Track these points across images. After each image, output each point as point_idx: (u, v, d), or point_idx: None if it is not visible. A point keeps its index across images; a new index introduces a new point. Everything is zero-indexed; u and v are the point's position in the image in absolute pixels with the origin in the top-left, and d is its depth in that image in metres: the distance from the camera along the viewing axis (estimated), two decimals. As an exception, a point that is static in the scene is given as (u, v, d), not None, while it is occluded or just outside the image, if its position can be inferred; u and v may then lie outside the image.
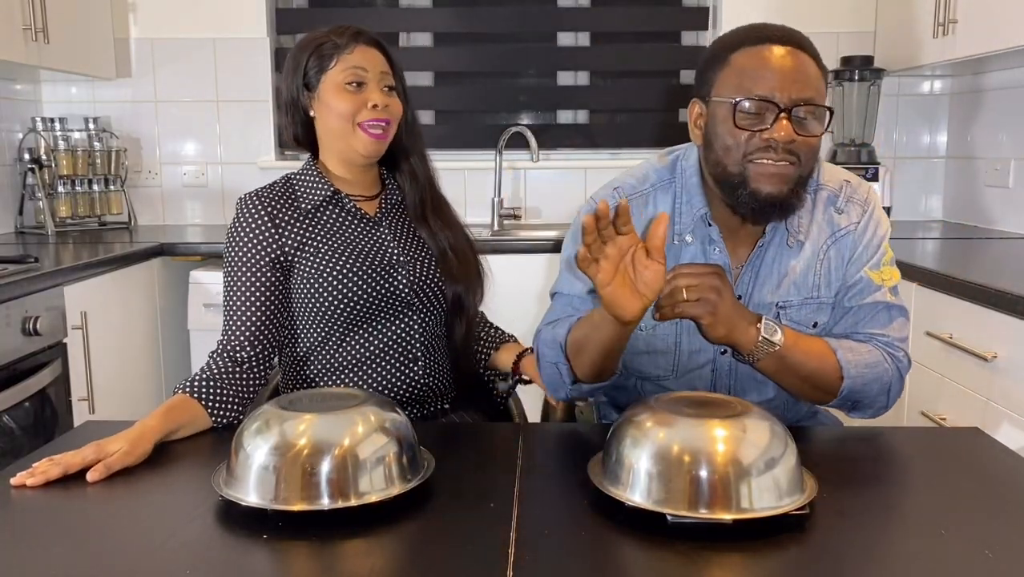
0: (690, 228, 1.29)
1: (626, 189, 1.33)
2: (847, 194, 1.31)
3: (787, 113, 1.14)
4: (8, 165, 2.96)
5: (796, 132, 1.15)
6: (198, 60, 3.17)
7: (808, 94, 1.15)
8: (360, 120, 1.42)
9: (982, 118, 2.94)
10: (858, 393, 1.26)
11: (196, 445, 1.23)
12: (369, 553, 0.89)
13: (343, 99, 1.42)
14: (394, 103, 1.45)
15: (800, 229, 1.29)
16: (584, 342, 1.22)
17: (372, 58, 1.45)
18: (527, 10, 3.24)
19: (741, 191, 1.19)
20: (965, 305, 1.84)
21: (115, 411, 2.36)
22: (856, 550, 0.87)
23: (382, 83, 1.45)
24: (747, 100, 1.16)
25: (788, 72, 1.15)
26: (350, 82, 1.43)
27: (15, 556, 0.87)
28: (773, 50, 1.17)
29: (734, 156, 1.18)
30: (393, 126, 1.45)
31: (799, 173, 1.18)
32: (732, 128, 1.17)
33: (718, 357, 1.33)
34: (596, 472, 0.99)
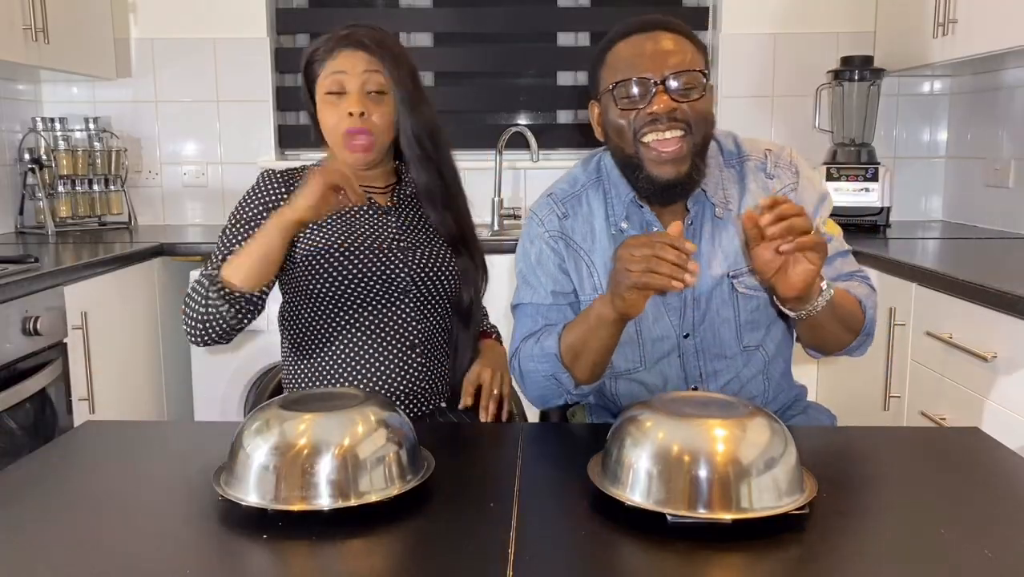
0: (624, 216, 1.34)
1: (559, 194, 1.39)
2: (773, 160, 1.36)
3: (663, 85, 1.21)
4: (8, 165, 2.96)
5: (676, 100, 1.21)
6: (198, 60, 3.17)
7: (680, 65, 1.22)
8: (342, 131, 1.41)
9: (982, 118, 2.94)
10: (871, 324, 1.32)
11: (196, 445, 1.23)
12: (369, 553, 0.89)
13: (325, 111, 1.43)
14: (379, 109, 1.42)
15: (729, 200, 1.33)
16: (581, 346, 1.25)
17: (354, 61, 1.42)
18: (527, 10, 3.24)
19: (639, 174, 1.26)
20: (965, 305, 1.84)
21: (115, 411, 2.36)
22: (856, 550, 0.87)
23: (365, 87, 1.41)
24: (621, 82, 1.23)
25: (657, 51, 1.23)
26: (330, 91, 1.42)
27: (15, 556, 0.87)
28: (642, 37, 1.25)
29: (627, 137, 1.25)
30: (379, 135, 1.43)
31: (692, 142, 1.23)
32: (619, 112, 1.24)
33: (682, 342, 1.35)
34: (596, 472, 0.99)
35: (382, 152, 1.48)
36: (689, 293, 1.32)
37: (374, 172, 1.51)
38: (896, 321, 2.12)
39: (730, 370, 1.37)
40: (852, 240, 2.53)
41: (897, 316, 2.12)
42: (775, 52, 3.10)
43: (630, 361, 1.37)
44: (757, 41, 3.11)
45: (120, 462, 1.15)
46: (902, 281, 2.12)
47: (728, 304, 1.32)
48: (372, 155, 1.44)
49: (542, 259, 1.37)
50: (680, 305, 1.33)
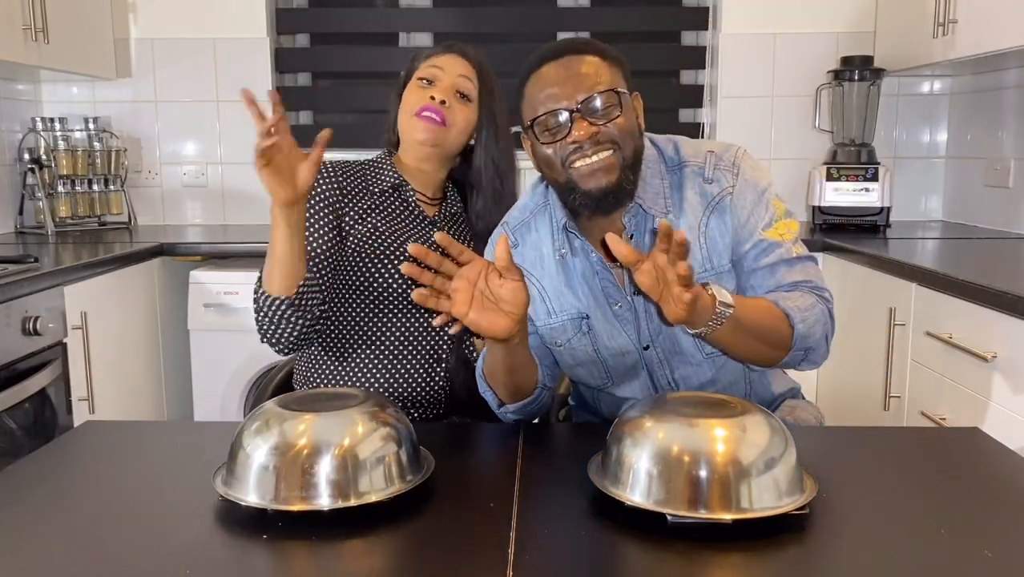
0: (564, 240, 1.33)
1: (511, 222, 1.39)
2: (713, 163, 1.31)
3: (579, 112, 1.20)
4: (8, 165, 2.96)
5: (596, 123, 1.20)
6: (198, 60, 3.16)
7: (591, 88, 1.20)
8: (417, 108, 1.45)
9: (982, 118, 2.94)
10: (807, 339, 1.24)
11: (196, 445, 1.23)
12: (369, 553, 0.89)
13: (412, 93, 1.48)
14: (460, 107, 1.47)
15: (669, 210, 1.29)
16: (492, 368, 1.26)
17: (454, 63, 1.48)
18: (527, 10, 3.24)
19: (574, 195, 1.24)
20: (965, 305, 1.84)
21: (115, 411, 2.36)
22: (856, 550, 0.87)
23: (456, 87, 1.47)
24: (540, 117, 1.22)
25: (567, 78, 1.21)
26: (422, 78, 1.47)
27: (15, 555, 0.87)
28: (550, 66, 1.23)
29: (557, 167, 1.24)
30: (451, 124, 1.45)
31: (622, 156, 1.22)
32: (542, 146, 1.24)
33: (643, 353, 1.34)
34: (596, 472, 0.99)
35: (450, 145, 1.49)
36: (641, 305, 1.30)
37: (430, 179, 1.52)
38: (896, 321, 2.12)
39: (701, 375, 1.35)
40: (852, 240, 2.55)
41: (897, 316, 2.12)
42: (775, 52, 3.10)
43: (597, 378, 1.38)
44: (757, 41, 3.11)
45: (120, 462, 1.15)
46: (902, 281, 2.12)
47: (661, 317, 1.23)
48: (440, 138, 1.46)
49: None
50: (633, 318, 1.32)
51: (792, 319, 1.21)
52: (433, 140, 1.45)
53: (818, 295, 1.28)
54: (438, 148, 1.47)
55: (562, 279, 1.33)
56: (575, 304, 1.33)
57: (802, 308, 1.23)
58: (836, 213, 2.81)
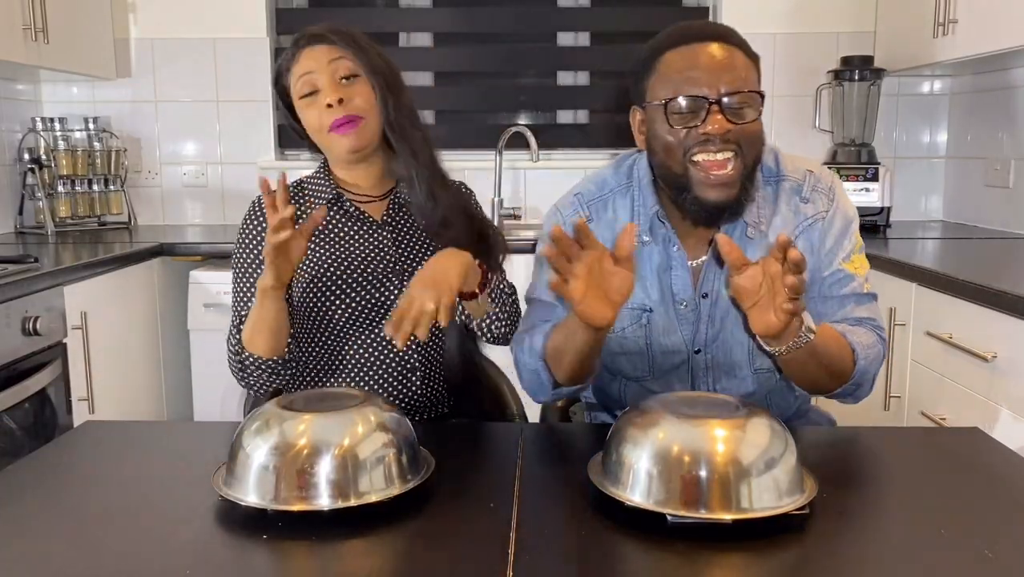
0: (647, 227, 1.30)
1: (587, 195, 1.35)
2: (811, 184, 1.31)
3: (718, 105, 1.16)
4: (8, 165, 2.96)
5: (731, 122, 1.16)
6: (198, 60, 3.16)
7: (736, 84, 1.17)
8: (325, 125, 1.37)
9: (982, 118, 2.94)
10: (864, 375, 1.25)
11: (196, 445, 1.23)
12: (369, 553, 0.89)
13: (305, 113, 1.40)
14: (356, 91, 1.37)
15: (761, 220, 1.28)
16: (562, 349, 1.23)
17: (317, 56, 1.39)
18: (527, 10, 3.24)
19: (686, 195, 1.21)
20: (965, 305, 1.84)
21: (115, 411, 2.36)
22: (856, 550, 0.87)
23: (336, 75, 1.38)
24: (678, 99, 1.17)
25: (714, 66, 1.17)
26: (303, 95, 1.39)
27: (15, 555, 0.87)
28: (697, 48, 1.19)
29: (675, 155, 1.20)
30: (366, 116, 1.37)
31: (743, 164, 1.19)
32: (669, 128, 1.19)
33: (692, 356, 1.33)
34: (596, 472, 0.99)
35: (373, 135, 1.40)
36: (706, 309, 1.30)
37: (368, 171, 1.45)
38: (896, 321, 2.12)
39: (739, 388, 1.34)
40: (852, 240, 2.54)
41: (897, 316, 2.12)
42: (775, 52, 3.10)
43: (639, 369, 1.36)
44: (757, 41, 3.08)
45: (120, 462, 1.15)
46: (902, 281, 2.12)
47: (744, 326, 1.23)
48: (364, 136, 1.38)
49: None
50: (695, 319, 1.31)
51: (857, 355, 1.22)
52: (359, 144, 1.38)
53: (879, 335, 1.29)
54: (369, 144, 1.40)
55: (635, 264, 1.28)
56: (640, 295, 1.30)
57: (866, 345, 1.24)
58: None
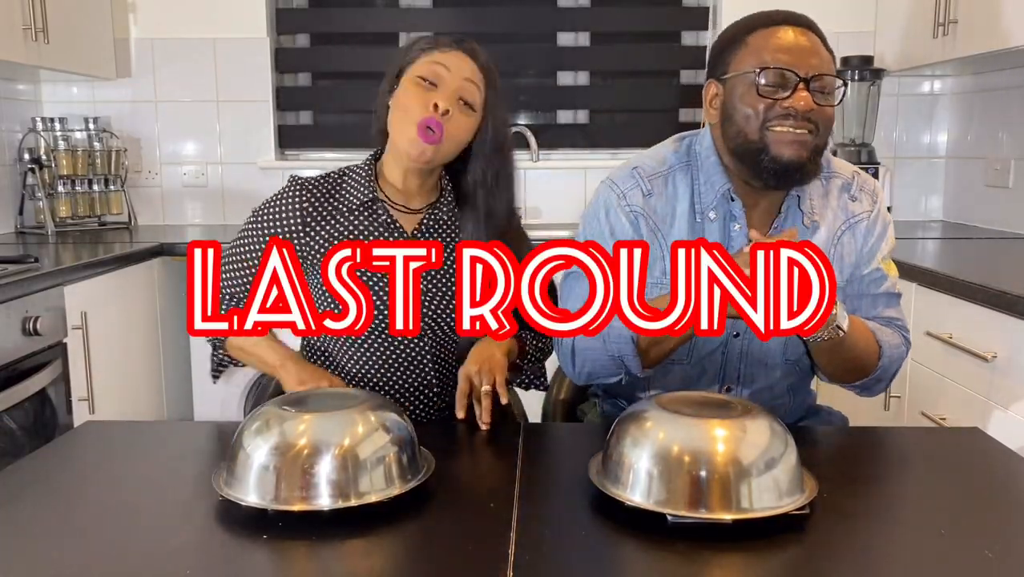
0: (712, 205, 1.31)
1: (646, 169, 1.35)
2: (859, 184, 1.37)
3: (805, 84, 1.21)
4: (8, 165, 2.95)
5: (815, 101, 1.21)
6: (198, 60, 3.16)
7: (824, 69, 1.22)
8: (419, 119, 1.31)
9: (982, 118, 2.94)
10: (885, 372, 1.31)
11: (196, 445, 1.23)
12: (369, 553, 0.89)
13: (410, 93, 1.33)
14: (462, 119, 1.33)
15: (814, 211, 1.33)
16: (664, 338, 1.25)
17: (461, 63, 1.34)
18: (527, 10, 3.24)
19: (763, 156, 1.23)
20: (965, 305, 1.84)
21: (115, 411, 2.36)
22: (856, 550, 0.87)
23: (460, 92, 1.33)
24: (769, 69, 1.22)
25: (804, 48, 1.23)
26: (424, 77, 1.33)
27: (15, 555, 0.87)
28: (788, 30, 1.24)
29: (754, 124, 1.23)
30: (448, 142, 1.33)
31: (816, 142, 1.23)
32: (754, 98, 1.23)
33: (730, 340, 1.35)
34: (596, 472, 0.99)
35: (443, 158, 1.36)
36: None
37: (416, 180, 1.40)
38: (896, 321, 2.12)
39: (767, 378, 1.36)
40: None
41: (897, 316, 2.12)
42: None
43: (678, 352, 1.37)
44: (757, 41, 3.10)
45: (120, 462, 1.15)
46: (902, 281, 2.10)
47: None
48: (434, 154, 1.33)
49: (617, 231, 1.33)
50: None
51: (883, 352, 1.29)
52: (424, 159, 1.34)
53: (904, 337, 1.36)
54: (428, 164, 1.36)
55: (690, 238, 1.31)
56: None
57: (892, 345, 1.31)
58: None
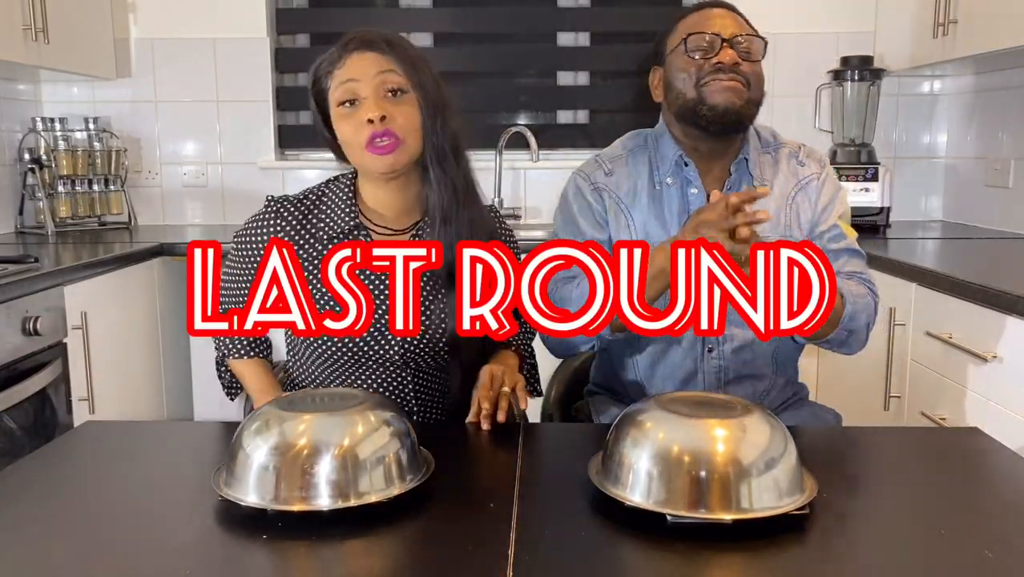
0: (668, 172, 1.45)
1: (606, 155, 1.52)
2: (806, 152, 1.51)
3: (729, 43, 1.37)
4: (8, 165, 2.95)
5: (739, 57, 1.37)
6: (198, 60, 3.16)
7: (745, 30, 1.40)
8: (363, 141, 1.27)
9: (982, 118, 2.94)
10: (852, 321, 1.37)
11: (196, 445, 1.23)
12: (369, 553, 0.89)
13: (341, 124, 1.30)
14: (401, 108, 1.28)
15: (764, 176, 1.45)
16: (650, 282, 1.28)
17: (365, 64, 1.28)
18: (527, 10, 3.24)
19: (700, 107, 1.37)
20: (965, 305, 1.84)
21: (115, 411, 2.36)
22: (856, 550, 0.87)
23: (382, 88, 1.28)
24: (694, 34, 1.38)
25: (725, 18, 1.40)
26: (342, 102, 1.29)
27: (15, 555, 0.87)
28: (710, 10, 1.42)
29: (690, 84, 1.38)
30: (406, 137, 1.28)
31: (749, 95, 1.38)
32: (686, 61, 1.38)
33: None
34: (596, 472, 0.99)
35: (410, 158, 1.31)
36: None
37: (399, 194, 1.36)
38: (896, 321, 2.12)
39: (743, 337, 1.42)
40: (852, 240, 2.55)
41: (897, 316, 2.12)
42: (775, 52, 3.06)
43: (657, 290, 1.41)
44: (757, 41, 3.11)
45: (120, 462, 1.15)
46: (902, 281, 2.12)
47: None
48: (401, 159, 1.29)
49: (583, 211, 1.47)
50: None
51: (845, 300, 1.36)
52: (395, 165, 1.29)
53: (869, 288, 1.44)
54: (405, 167, 1.31)
55: (654, 211, 1.44)
56: (661, 233, 1.42)
57: (855, 295, 1.38)
58: (836, 213, 2.81)
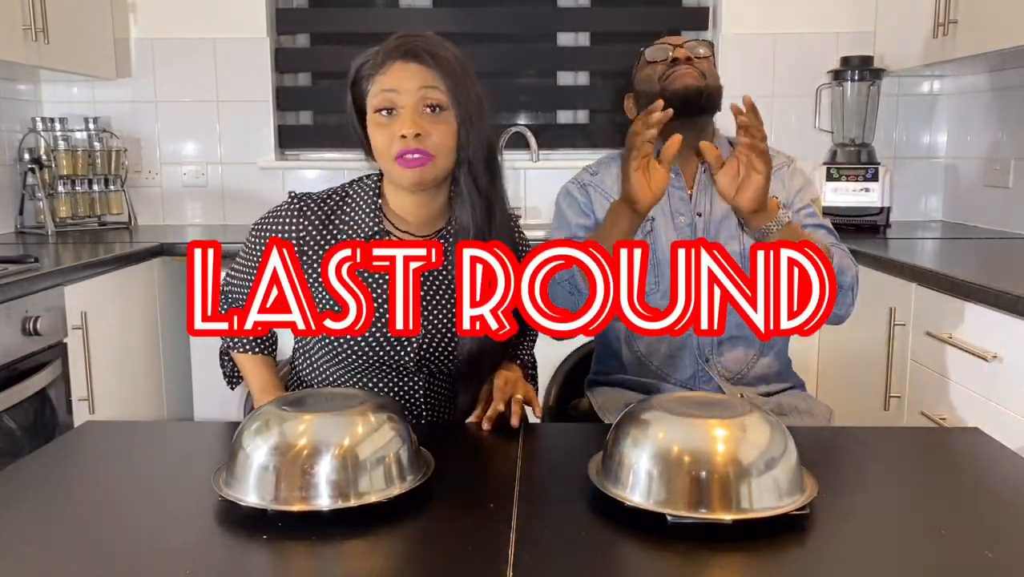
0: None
1: (593, 166, 1.64)
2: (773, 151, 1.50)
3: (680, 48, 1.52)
4: (8, 165, 2.95)
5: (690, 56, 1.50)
6: (198, 60, 3.16)
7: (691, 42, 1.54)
8: (394, 153, 1.26)
9: (982, 118, 2.94)
10: (839, 276, 1.44)
11: (196, 445, 1.23)
12: (369, 553, 0.89)
13: (375, 130, 1.29)
14: (437, 127, 1.27)
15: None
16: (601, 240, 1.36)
17: (408, 76, 1.26)
18: (527, 10, 3.24)
19: (665, 95, 1.43)
20: (965, 305, 1.84)
21: (115, 411, 2.36)
22: (856, 550, 0.87)
23: (422, 103, 1.26)
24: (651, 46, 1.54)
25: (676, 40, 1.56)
26: (380, 109, 1.27)
27: (15, 555, 0.87)
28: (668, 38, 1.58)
29: (656, 86, 1.50)
30: (438, 155, 1.28)
31: (707, 82, 1.49)
32: (648, 70, 1.53)
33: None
34: (596, 472, 0.99)
35: (441, 173, 1.31)
36: (700, 222, 1.53)
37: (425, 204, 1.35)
38: (896, 321, 2.12)
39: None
40: (852, 240, 2.55)
41: (897, 316, 2.12)
42: (775, 52, 3.10)
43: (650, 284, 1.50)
44: (757, 41, 3.11)
45: (120, 462, 1.15)
46: (902, 281, 2.12)
47: (735, 238, 1.52)
48: (430, 174, 1.28)
49: (571, 205, 1.59)
50: (691, 233, 1.53)
51: (830, 253, 1.43)
52: (422, 181, 1.29)
53: (846, 253, 1.53)
54: (434, 181, 1.31)
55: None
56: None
57: (837, 252, 1.48)
58: (836, 213, 2.80)
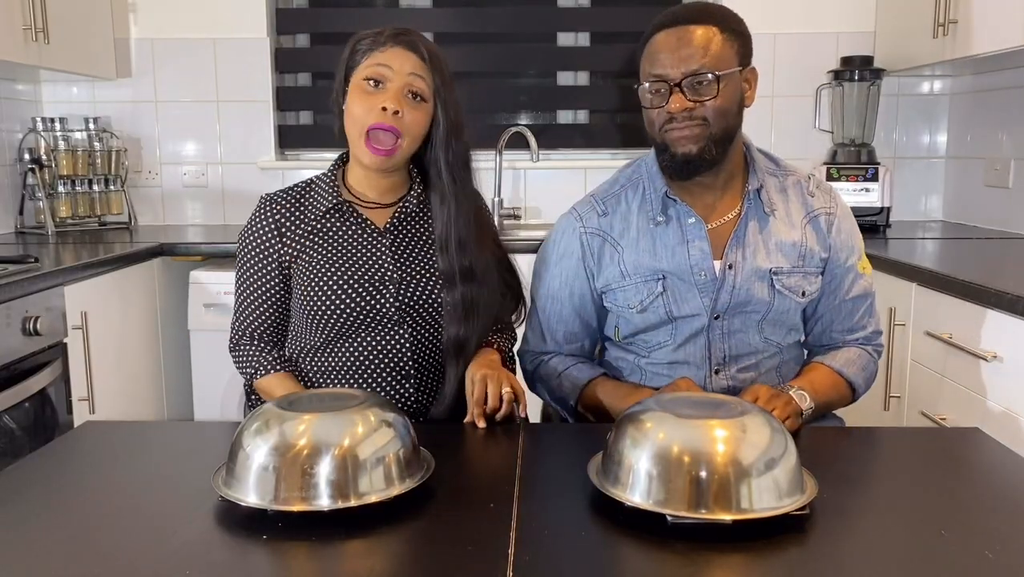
0: (660, 209, 1.41)
1: (600, 194, 1.48)
2: (815, 182, 1.48)
3: (678, 86, 1.29)
4: (8, 165, 2.95)
5: (691, 100, 1.30)
6: (198, 60, 3.16)
7: (693, 66, 1.29)
8: (369, 125, 1.33)
9: (982, 118, 2.94)
10: (860, 395, 1.47)
11: (196, 445, 1.23)
12: (369, 553, 0.89)
13: (356, 99, 1.35)
14: (414, 114, 1.35)
15: (775, 204, 1.42)
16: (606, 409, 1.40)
17: (403, 59, 1.35)
18: (527, 10, 3.24)
19: (665, 155, 1.36)
20: (965, 305, 1.84)
21: (115, 411, 2.36)
22: (856, 550, 0.87)
23: (407, 87, 1.34)
24: (645, 83, 1.34)
25: (675, 50, 1.30)
26: (369, 78, 1.35)
27: (15, 556, 0.87)
28: (666, 33, 1.32)
29: (656, 130, 1.36)
30: (406, 140, 1.36)
31: (710, 132, 1.31)
32: (648, 109, 1.36)
33: (712, 322, 1.40)
34: (596, 472, 0.99)
35: (403, 158, 1.39)
36: (729, 276, 1.38)
37: (383, 182, 1.44)
38: (896, 321, 2.12)
39: (751, 358, 1.44)
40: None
41: (897, 316, 2.12)
42: (775, 52, 3.10)
43: (662, 334, 1.43)
44: (757, 41, 3.08)
45: (120, 462, 1.15)
46: (902, 281, 2.12)
47: (764, 298, 1.39)
48: (393, 159, 1.36)
49: (567, 253, 1.46)
50: (714, 289, 1.38)
51: (856, 387, 1.45)
52: (381, 165, 1.37)
53: (877, 353, 1.50)
54: (392, 167, 1.40)
55: (648, 245, 1.40)
56: (652, 264, 1.40)
57: (863, 370, 1.46)
58: (836, 213, 2.81)
